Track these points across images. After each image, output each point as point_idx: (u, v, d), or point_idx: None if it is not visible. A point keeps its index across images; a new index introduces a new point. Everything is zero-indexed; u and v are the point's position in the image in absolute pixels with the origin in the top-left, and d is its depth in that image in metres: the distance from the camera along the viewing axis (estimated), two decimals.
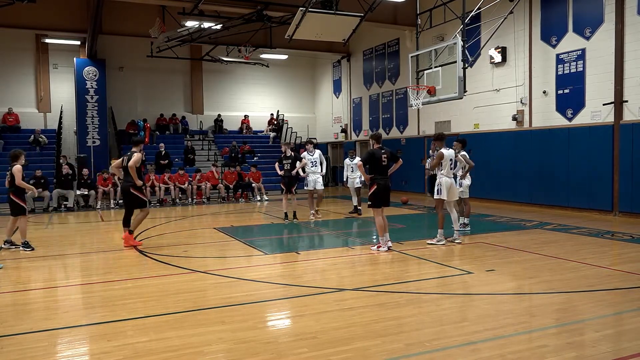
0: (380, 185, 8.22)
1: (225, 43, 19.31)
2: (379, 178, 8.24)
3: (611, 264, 7.05)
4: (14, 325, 4.83)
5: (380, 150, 8.30)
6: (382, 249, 8.23)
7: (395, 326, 4.61)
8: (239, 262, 7.88)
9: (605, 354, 3.90)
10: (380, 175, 8.26)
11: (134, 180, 8.76)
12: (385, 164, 8.29)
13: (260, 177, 18.69)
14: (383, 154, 8.28)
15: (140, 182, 8.88)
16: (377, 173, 8.26)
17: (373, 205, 8.32)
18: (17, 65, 20.35)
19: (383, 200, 8.29)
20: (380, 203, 8.28)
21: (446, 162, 8.67)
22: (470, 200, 10.48)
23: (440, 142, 8.90)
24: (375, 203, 8.29)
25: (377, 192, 8.24)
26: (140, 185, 8.91)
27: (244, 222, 12.65)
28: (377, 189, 8.22)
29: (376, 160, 8.25)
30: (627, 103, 11.70)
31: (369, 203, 8.43)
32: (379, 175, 8.25)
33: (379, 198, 8.25)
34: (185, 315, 5.02)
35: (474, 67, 14.51)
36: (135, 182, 8.77)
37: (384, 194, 8.26)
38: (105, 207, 16.26)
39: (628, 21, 11.62)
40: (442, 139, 8.94)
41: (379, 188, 8.21)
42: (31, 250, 8.66)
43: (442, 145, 8.87)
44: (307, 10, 11.85)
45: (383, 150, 8.33)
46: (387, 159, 8.32)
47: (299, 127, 24.87)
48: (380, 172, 8.26)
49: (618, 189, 11.90)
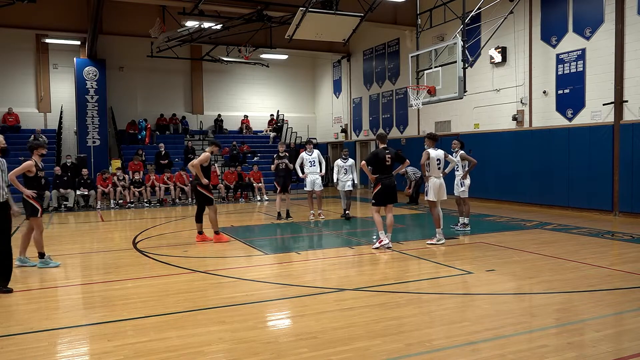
0: (385, 185, 8.27)
1: (225, 43, 19.31)
2: (384, 178, 8.29)
3: (611, 264, 7.05)
4: (14, 325, 4.83)
5: (385, 150, 8.36)
6: (384, 242, 8.27)
7: (395, 326, 4.61)
8: (239, 262, 7.88)
9: (606, 354, 3.89)
10: (384, 175, 8.31)
11: (199, 178, 9.01)
12: (389, 163, 8.34)
13: (260, 177, 18.69)
14: (387, 154, 8.34)
15: (205, 181, 9.10)
16: (381, 173, 8.32)
17: (376, 204, 8.42)
18: (17, 65, 20.35)
19: (388, 199, 8.35)
20: (385, 202, 8.36)
21: (433, 163, 8.71)
22: (470, 200, 10.48)
23: (432, 142, 8.90)
24: (380, 202, 8.38)
25: (381, 192, 8.31)
26: (206, 184, 9.11)
27: (244, 222, 12.65)
28: (382, 188, 8.28)
29: (380, 161, 8.32)
30: (627, 103, 11.70)
31: (372, 201, 8.52)
32: (383, 175, 8.31)
33: (383, 197, 8.32)
34: (185, 315, 5.02)
35: (474, 67, 14.51)
36: (200, 180, 8.99)
37: (389, 193, 8.31)
38: (105, 207, 16.26)
39: (628, 21, 11.62)
40: (433, 139, 8.94)
41: (383, 188, 8.27)
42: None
43: (432, 144, 8.90)
44: (307, 10, 11.85)
45: (387, 150, 8.39)
46: (392, 159, 8.37)
47: (299, 127, 24.87)
48: (384, 172, 8.33)
49: (618, 189, 11.89)
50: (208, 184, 9.21)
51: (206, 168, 9.15)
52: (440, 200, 8.83)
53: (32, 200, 7.30)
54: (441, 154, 8.87)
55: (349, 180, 12.29)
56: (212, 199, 9.38)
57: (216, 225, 9.32)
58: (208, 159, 9.17)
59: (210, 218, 9.25)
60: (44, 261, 7.46)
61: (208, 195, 9.23)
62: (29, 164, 7.33)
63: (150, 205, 16.86)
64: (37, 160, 7.43)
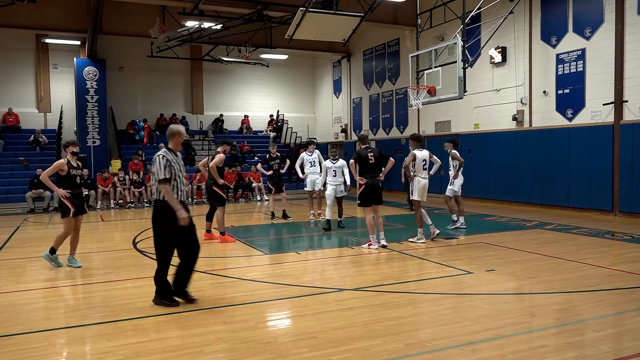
0: (369, 184, 8.34)
1: (225, 43, 19.31)
2: (367, 177, 8.38)
3: (611, 264, 7.05)
4: (14, 325, 4.83)
5: (367, 150, 8.48)
6: (372, 246, 8.38)
7: (395, 326, 4.61)
8: (239, 262, 7.88)
9: (606, 354, 3.89)
10: (369, 174, 8.39)
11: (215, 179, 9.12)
12: (372, 162, 8.42)
13: (260, 177, 18.69)
14: (369, 152, 8.43)
15: (221, 181, 9.24)
16: (365, 172, 8.42)
17: (362, 204, 8.50)
18: (17, 65, 20.35)
19: (373, 199, 8.41)
20: (370, 201, 8.42)
21: (419, 163, 8.81)
22: (470, 201, 10.49)
23: (416, 143, 9.02)
24: (365, 202, 8.45)
25: (365, 191, 8.39)
26: (221, 184, 9.23)
27: (244, 222, 12.65)
28: (366, 187, 8.36)
29: (363, 159, 8.43)
30: (627, 103, 11.70)
31: (358, 202, 8.66)
32: (367, 174, 8.40)
33: (368, 197, 8.39)
34: (185, 315, 5.02)
35: (474, 67, 14.51)
36: (217, 180, 9.09)
37: (373, 193, 8.37)
38: (105, 207, 16.25)
39: (628, 21, 11.62)
40: (417, 140, 9.05)
41: (367, 187, 8.35)
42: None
43: (417, 146, 9.01)
44: (307, 10, 11.85)
45: (369, 149, 8.50)
46: (375, 157, 8.45)
47: (299, 127, 24.85)
48: (368, 171, 8.41)
49: (618, 189, 11.89)
50: (224, 184, 9.38)
51: (220, 168, 9.24)
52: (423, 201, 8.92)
53: (65, 199, 7.17)
54: (426, 155, 9.01)
55: (340, 185, 10.89)
56: (225, 200, 9.50)
57: (222, 226, 9.36)
58: (222, 160, 9.24)
59: (218, 218, 9.29)
60: (51, 257, 7.36)
61: (222, 195, 9.33)
62: (60, 162, 7.25)
63: (150, 205, 16.84)
64: (69, 159, 7.30)
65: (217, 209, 9.37)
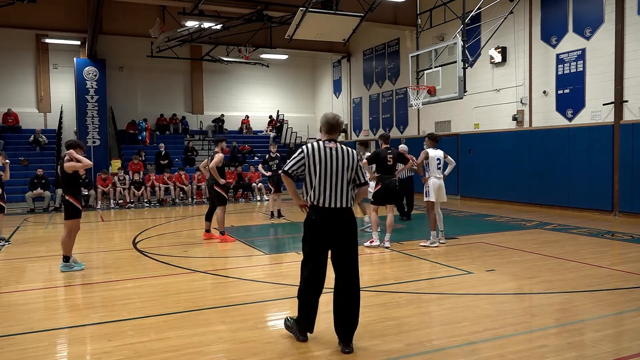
0: (385, 185, 8.29)
1: (225, 43, 19.30)
2: (384, 178, 8.31)
3: (611, 264, 7.05)
4: (14, 325, 4.83)
5: (387, 151, 8.38)
6: (374, 243, 8.32)
7: (395, 326, 4.60)
8: (239, 262, 7.88)
9: (606, 354, 3.89)
10: (386, 175, 8.32)
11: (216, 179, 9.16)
12: (390, 164, 8.35)
13: (260, 177, 18.68)
14: (389, 154, 8.35)
15: (223, 181, 9.25)
16: (383, 173, 8.34)
17: (374, 203, 8.46)
18: (17, 65, 20.33)
19: (387, 199, 8.37)
20: (384, 202, 8.38)
21: (432, 163, 8.51)
22: (470, 201, 10.48)
23: (432, 142, 8.68)
24: (377, 201, 8.41)
25: (380, 192, 8.33)
26: (223, 184, 9.24)
27: (244, 222, 12.65)
28: (381, 188, 8.31)
29: (381, 160, 8.34)
30: (627, 103, 11.70)
31: (371, 200, 8.56)
32: (384, 175, 8.32)
33: (382, 198, 8.35)
34: (185, 315, 5.02)
35: (474, 67, 14.51)
36: (218, 180, 9.12)
37: (388, 194, 8.33)
38: (105, 207, 16.25)
39: (628, 21, 11.62)
40: (434, 139, 8.74)
41: (383, 188, 8.29)
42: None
43: (433, 145, 8.67)
44: (307, 10, 11.85)
45: (389, 150, 8.40)
46: (393, 159, 8.38)
47: (299, 127, 24.84)
48: (386, 172, 8.34)
49: (618, 189, 11.89)
50: (225, 184, 9.39)
51: (221, 168, 9.25)
52: (440, 202, 8.64)
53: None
54: (440, 154, 8.67)
55: None
56: (226, 199, 9.53)
57: (223, 226, 9.35)
58: (222, 159, 9.26)
59: (218, 218, 9.29)
60: (68, 264, 7.18)
61: (224, 195, 9.34)
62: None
63: (150, 205, 16.86)
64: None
65: (217, 209, 9.37)
